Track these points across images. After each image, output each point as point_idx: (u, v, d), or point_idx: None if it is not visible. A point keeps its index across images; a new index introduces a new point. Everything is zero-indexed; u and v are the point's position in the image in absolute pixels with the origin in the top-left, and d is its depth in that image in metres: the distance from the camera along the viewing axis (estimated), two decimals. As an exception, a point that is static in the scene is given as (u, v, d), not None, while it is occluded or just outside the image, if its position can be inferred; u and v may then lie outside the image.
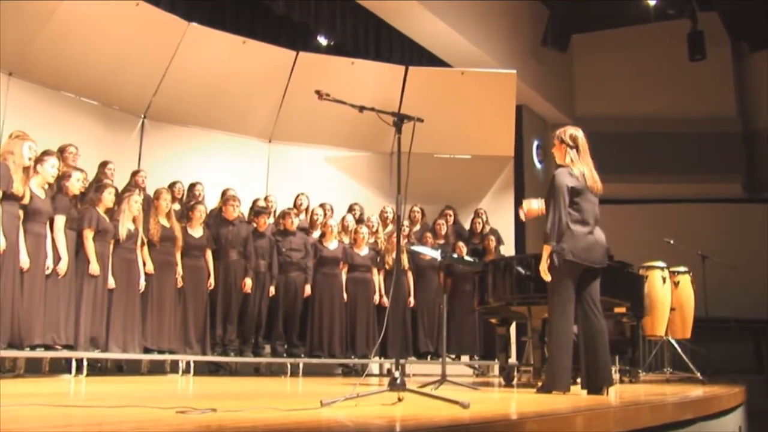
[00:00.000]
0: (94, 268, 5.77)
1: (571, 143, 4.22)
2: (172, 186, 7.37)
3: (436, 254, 5.46)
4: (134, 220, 6.25)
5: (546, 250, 4.12)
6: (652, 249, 7.95)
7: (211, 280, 6.84)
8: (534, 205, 4.44)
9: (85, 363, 5.69)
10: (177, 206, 7.21)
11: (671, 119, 12.04)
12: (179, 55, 8.12)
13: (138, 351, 6.17)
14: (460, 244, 8.14)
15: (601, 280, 4.25)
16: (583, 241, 4.09)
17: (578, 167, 4.17)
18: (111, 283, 5.97)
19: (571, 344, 4.10)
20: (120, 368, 6.74)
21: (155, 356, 6.39)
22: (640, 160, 11.94)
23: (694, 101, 11.99)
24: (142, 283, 6.26)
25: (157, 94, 8.30)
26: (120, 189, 6.78)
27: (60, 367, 5.90)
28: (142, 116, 8.39)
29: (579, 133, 4.27)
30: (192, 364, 6.55)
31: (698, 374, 6.75)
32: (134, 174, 7.31)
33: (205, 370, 7.10)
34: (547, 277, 4.15)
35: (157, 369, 6.71)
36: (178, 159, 8.45)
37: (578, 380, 4.25)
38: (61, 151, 6.26)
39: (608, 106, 12.27)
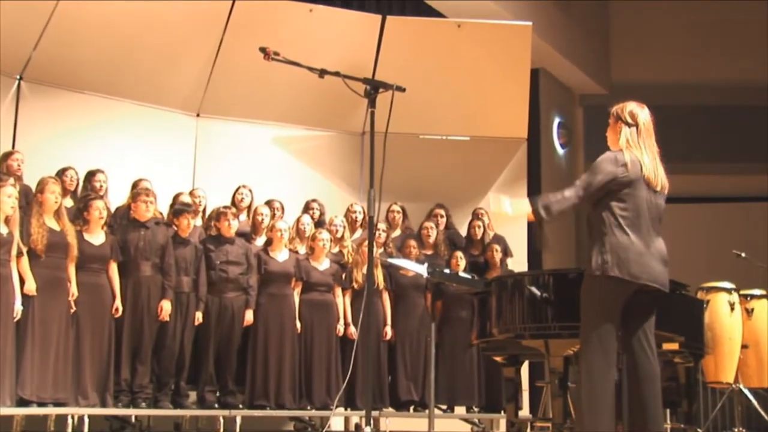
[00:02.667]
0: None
1: (629, 120, 4.34)
2: (62, 174, 7.30)
3: (422, 269, 5.49)
4: (7, 221, 6.18)
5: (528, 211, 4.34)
6: (716, 264, 8.04)
7: (117, 302, 6.80)
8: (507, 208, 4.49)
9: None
10: (69, 202, 7.16)
11: (742, 88, 11.96)
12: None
13: (10, 404, 6.09)
14: (459, 254, 8.18)
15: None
16: (632, 251, 4.16)
17: (633, 152, 4.27)
18: (-27, 308, 5.92)
19: (613, 392, 4.14)
20: (-15, 426, 6.69)
21: (34, 410, 6.31)
22: (699, 143, 11.93)
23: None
24: (18, 308, 6.19)
25: (39, 48, 8.21)
26: (-13, 178, 6.73)
27: None
28: (18, 77, 8.31)
29: (643, 111, 4.39)
30: (87, 420, 6.49)
31: (783, 436, 6.86)
32: (7, 156, 7.26)
33: (106, 427, 7.07)
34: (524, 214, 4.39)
35: (36, 427, 6.65)
36: (70, 137, 8.41)
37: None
38: None
39: (655, 71, 12.31)
